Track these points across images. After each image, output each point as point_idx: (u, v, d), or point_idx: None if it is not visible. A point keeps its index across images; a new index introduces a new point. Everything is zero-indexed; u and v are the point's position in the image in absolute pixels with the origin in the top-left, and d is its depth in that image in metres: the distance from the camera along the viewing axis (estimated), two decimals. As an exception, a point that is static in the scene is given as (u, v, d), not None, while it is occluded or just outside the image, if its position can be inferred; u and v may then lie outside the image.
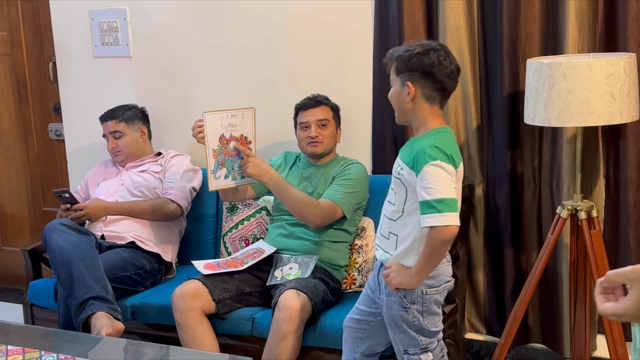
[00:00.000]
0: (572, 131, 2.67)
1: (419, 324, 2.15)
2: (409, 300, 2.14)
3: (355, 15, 3.04)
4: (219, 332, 2.68)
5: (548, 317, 2.92)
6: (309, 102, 2.86)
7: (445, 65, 2.08)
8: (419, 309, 2.14)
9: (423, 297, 2.13)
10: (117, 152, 3.24)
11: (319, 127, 2.83)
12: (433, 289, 2.14)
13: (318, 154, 2.86)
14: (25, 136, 4.04)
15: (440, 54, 2.08)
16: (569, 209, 2.52)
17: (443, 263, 2.15)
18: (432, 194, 1.98)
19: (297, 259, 2.75)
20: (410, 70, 2.08)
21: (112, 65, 3.54)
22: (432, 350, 2.18)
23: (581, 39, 2.65)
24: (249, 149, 2.74)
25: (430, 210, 1.97)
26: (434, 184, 1.98)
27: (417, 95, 2.09)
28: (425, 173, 2.00)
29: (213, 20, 3.30)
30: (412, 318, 2.15)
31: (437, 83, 2.08)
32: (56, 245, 2.71)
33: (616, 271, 1.16)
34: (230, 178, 2.75)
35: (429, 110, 2.11)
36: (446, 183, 1.99)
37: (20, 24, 3.90)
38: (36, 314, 3.08)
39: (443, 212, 1.96)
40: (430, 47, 2.09)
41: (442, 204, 1.97)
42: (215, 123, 2.67)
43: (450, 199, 1.98)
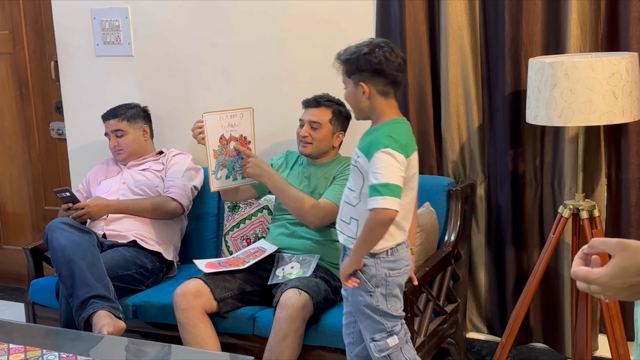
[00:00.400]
0: (574, 130, 2.67)
1: (383, 308, 2.22)
2: (373, 284, 2.20)
3: (357, 14, 3.04)
4: (220, 331, 2.68)
5: (549, 317, 2.91)
6: (310, 101, 2.86)
7: (392, 60, 2.16)
8: (383, 292, 2.21)
9: (386, 280, 2.21)
10: (118, 150, 3.24)
11: (311, 128, 2.82)
12: (395, 272, 2.22)
13: (306, 154, 2.85)
14: (27, 135, 4.04)
15: (386, 50, 2.16)
16: (570, 209, 2.52)
17: (403, 248, 2.24)
18: (379, 179, 2.08)
19: (298, 258, 2.75)
20: (360, 71, 2.18)
21: (114, 64, 3.54)
22: (397, 333, 2.25)
23: (583, 39, 2.64)
24: (248, 149, 2.74)
25: (375, 193, 2.08)
26: (382, 169, 2.09)
27: (371, 92, 2.18)
28: (376, 159, 2.11)
29: (214, 19, 3.30)
30: (375, 302, 2.21)
31: (388, 78, 2.17)
32: (58, 244, 2.71)
33: (603, 239, 1.16)
34: (232, 178, 2.75)
35: (384, 104, 2.21)
36: (393, 170, 2.10)
37: (22, 23, 3.90)
38: (38, 313, 3.09)
39: (384, 195, 2.07)
40: (374, 45, 2.18)
41: (385, 187, 2.07)
42: (215, 123, 2.68)
43: (394, 185, 2.08)
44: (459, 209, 2.86)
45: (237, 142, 2.73)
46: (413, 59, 2.92)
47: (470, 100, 2.89)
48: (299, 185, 2.84)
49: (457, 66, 2.87)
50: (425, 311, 2.65)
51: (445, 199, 2.89)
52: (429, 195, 2.86)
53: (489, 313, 3.04)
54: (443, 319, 2.78)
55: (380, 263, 2.20)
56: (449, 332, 2.87)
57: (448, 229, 2.87)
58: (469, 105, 2.90)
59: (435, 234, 2.83)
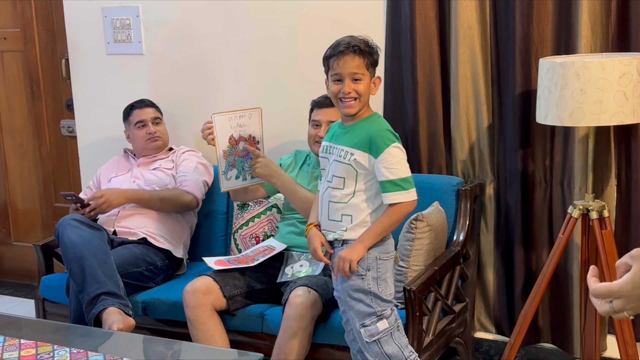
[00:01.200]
0: (584, 131, 2.66)
1: (374, 291, 2.26)
2: (365, 267, 2.25)
3: (367, 14, 3.04)
4: (229, 329, 2.69)
5: (558, 317, 2.91)
6: (324, 101, 2.82)
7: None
8: (374, 275, 2.26)
9: (377, 263, 2.26)
10: (156, 137, 3.24)
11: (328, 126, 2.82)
12: (385, 254, 2.27)
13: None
14: (38, 132, 4.06)
15: (336, 43, 2.27)
16: (580, 209, 2.52)
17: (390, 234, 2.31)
18: (397, 174, 2.18)
19: (307, 256, 2.76)
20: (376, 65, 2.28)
21: (125, 62, 3.56)
22: (387, 317, 2.27)
23: (594, 39, 2.64)
24: (257, 149, 2.75)
25: (396, 188, 2.18)
26: (397, 164, 2.19)
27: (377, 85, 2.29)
28: (388, 155, 2.19)
29: (225, 18, 3.31)
30: (367, 285, 2.25)
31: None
32: (69, 240, 2.73)
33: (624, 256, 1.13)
34: (241, 178, 2.76)
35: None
36: (405, 163, 2.22)
37: (34, 21, 3.92)
38: (48, 309, 3.10)
39: (408, 189, 2.20)
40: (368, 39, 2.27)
41: (406, 182, 2.20)
42: (224, 124, 2.70)
43: (411, 177, 2.23)
44: (468, 209, 2.86)
45: (246, 142, 2.74)
46: (423, 58, 2.92)
47: (480, 100, 2.89)
48: (308, 185, 2.85)
49: (467, 66, 2.87)
50: (433, 310, 2.65)
51: (454, 198, 2.89)
52: (438, 195, 2.86)
53: (498, 313, 3.04)
54: (451, 319, 2.78)
55: (372, 246, 2.25)
56: (457, 332, 2.87)
57: (457, 228, 2.87)
58: (479, 105, 2.90)
59: (444, 233, 2.83)
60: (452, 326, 2.79)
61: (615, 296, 1.11)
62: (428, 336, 2.60)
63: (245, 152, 2.74)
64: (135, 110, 3.25)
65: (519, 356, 2.99)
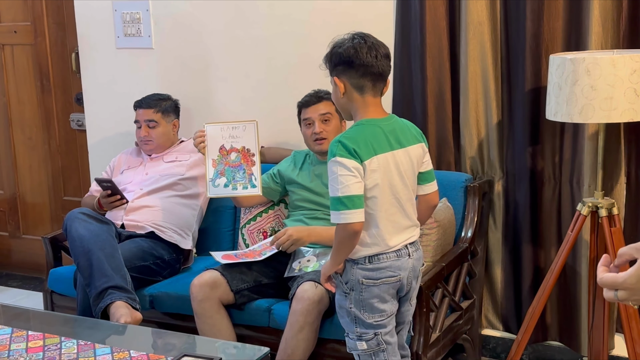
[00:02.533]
0: (594, 128, 2.65)
1: (355, 313, 2.16)
2: (349, 287, 2.15)
3: (377, 9, 3.04)
4: (236, 323, 2.70)
5: (566, 315, 2.90)
6: (310, 99, 2.85)
7: (364, 50, 2.05)
8: (356, 297, 2.13)
9: (360, 287, 2.12)
10: (147, 141, 3.24)
11: (322, 123, 2.81)
12: (370, 280, 2.11)
13: (324, 150, 2.85)
14: (47, 126, 4.08)
15: (356, 42, 2.06)
16: (589, 206, 2.50)
17: (389, 258, 2.11)
18: (334, 192, 2.01)
19: (315, 251, 2.76)
20: (335, 66, 2.10)
21: (134, 56, 3.56)
22: (366, 340, 2.17)
23: (605, 35, 2.63)
24: (251, 161, 2.76)
25: (335, 207, 2.02)
26: (334, 181, 2.01)
27: (346, 87, 2.08)
28: (329, 170, 2.04)
29: (234, 13, 3.31)
30: (349, 304, 2.16)
31: (359, 69, 2.06)
32: (77, 234, 2.74)
33: (628, 245, 1.17)
34: (230, 187, 2.80)
35: (360, 101, 2.09)
36: (345, 180, 2.00)
37: (44, 15, 3.93)
38: (55, 302, 3.12)
39: (343, 210, 2.00)
40: (348, 39, 2.09)
41: (340, 203, 2.00)
42: (216, 134, 2.78)
43: (346, 197, 1.99)
44: (477, 205, 2.85)
45: (239, 153, 2.78)
46: (433, 54, 2.92)
47: (490, 96, 2.88)
48: (310, 183, 2.85)
49: (476, 62, 2.86)
50: (440, 307, 2.65)
51: (463, 195, 2.88)
52: (447, 191, 2.86)
53: (505, 310, 3.03)
54: (458, 315, 2.78)
55: (356, 268, 2.12)
56: (464, 329, 2.86)
57: (465, 225, 2.86)
58: (488, 101, 2.89)
59: (452, 229, 2.82)
60: (459, 323, 2.78)
61: (620, 287, 1.14)
62: (435, 332, 2.60)
63: (238, 163, 2.78)
64: (137, 108, 3.27)
65: (526, 354, 2.98)
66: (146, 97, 3.29)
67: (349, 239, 2.05)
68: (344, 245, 2.07)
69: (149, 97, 3.29)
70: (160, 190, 3.15)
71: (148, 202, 3.12)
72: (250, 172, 2.77)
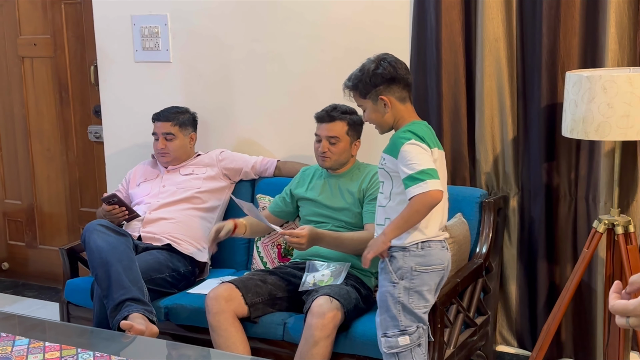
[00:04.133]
0: (610, 145, 2.65)
1: (403, 301, 2.27)
2: (399, 276, 2.28)
3: (393, 24, 3.05)
4: (250, 336, 2.70)
5: (581, 332, 2.89)
6: (323, 116, 2.86)
7: (399, 66, 2.35)
8: (406, 285, 2.28)
9: (412, 273, 2.27)
10: (164, 153, 3.27)
11: (329, 144, 2.83)
12: (422, 267, 2.28)
13: (326, 167, 2.88)
14: (66, 137, 4.12)
15: (391, 60, 2.35)
16: (605, 224, 2.50)
17: (436, 245, 2.30)
18: (413, 168, 2.19)
19: (329, 265, 2.77)
20: (375, 86, 2.34)
21: (152, 69, 3.60)
22: (410, 334, 2.28)
23: (621, 53, 2.63)
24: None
25: (414, 182, 2.19)
26: (413, 159, 2.21)
27: (392, 102, 2.34)
28: (403, 152, 2.23)
29: (252, 27, 3.34)
30: (397, 293, 2.28)
31: (402, 82, 2.34)
32: (95, 245, 2.76)
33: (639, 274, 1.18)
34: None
35: (403, 110, 2.36)
36: (423, 157, 2.22)
37: (64, 28, 3.98)
38: (72, 312, 3.14)
39: (425, 179, 2.18)
40: (378, 59, 2.36)
41: (423, 173, 2.19)
42: None
43: (430, 169, 2.20)
44: (492, 221, 2.85)
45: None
46: (448, 70, 2.93)
47: (505, 112, 2.88)
48: (318, 196, 2.85)
49: (492, 78, 2.87)
50: (455, 322, 2.64)
51: (478, 210, 2.88)
52: (462, 206, 2.86)
53: (520, 326, 3.02)
54: (473, 331, 2.77)
55: (409, 256, 2.28)
56: (479, 345, 2.85)
57: (480, 240, 2.86)
58: (504, 117, 2.89)
59: (467, 245, 2.82)
60: (473, 339, 2.78)
61: (631, 314, 1.15)
62: (449, 348, 2.59)
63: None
64: (155, 121, 3.30)
65: (540, 371, 2.97)
66: (164, 109, 3.32)
67: (427, 208, 2.20)
68: (418, 215, 2.21)
69: (167, 109, 3.32)
70: (177, 203, 3.18)
71: (165, 214, 3.14)
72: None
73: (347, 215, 2.81)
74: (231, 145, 3.43)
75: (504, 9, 2.82)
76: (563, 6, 2.71)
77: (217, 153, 3.33)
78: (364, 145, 2.93)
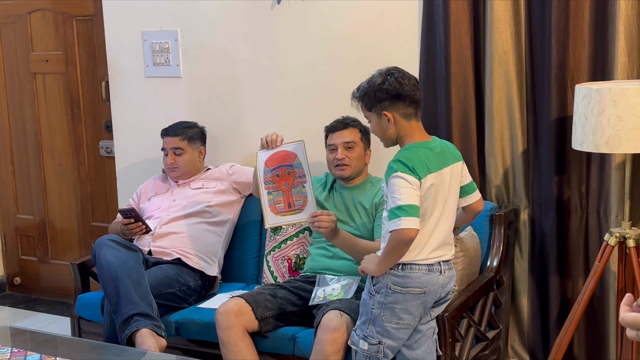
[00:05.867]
0: (621, 157, 2.64)
1: (375, 314, 2.32)
2: (376, 289, 2.33)
3: (402, 38, 3.06)
4: (260, 350, 2.70)
5: (594, 346, 2.86)
6: (337, 125, 2.88)
7: (406, 82, 2.29)
8: (380, 300, 2.32)
9: (387, 291, 2.31)
10: (174, 168, 3.29)
11: (346, 150, 2.83)
12: (398, 287, 2.29)
13: (345, 177, 2.86)
14: (77, 153, 4.14)
15: (397, 76, 2.30)
16: (617, 237, 2.48)
17: (420, 269, 2.29)
18: (394, 202, 2.20)
19: (339, 279, 2.76)
20: (380, 101, 2.30)
21: (163, 85, 3.62)
22: (370, 343, 2.34)
23: (631, 65, 2.62)
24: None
25: (392, 216, 2.20)
26: (396, 193, 2.21)
27: (396, 118, 2.30)
28: (390, 185, 2.24)
29: (261, 43, 3.35)
30: (372, 304, 2.34)
31: (407, 99, 2.29)
32: (105, 261, 2.77)
33: None
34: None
35: (407, 127, 2.32)
36: (406, 192, 2.20)
37: (75, 44, 4.01)
38: (83, 327, 3.14)
39: (401, 216, 2.18)
40: (385, 73, 2.32)
41: (400, 210, 2.19)
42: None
43: (408, 205, 2.19)
44: (502, 234, 2.84)
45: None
46: (457, 83, 2.93)
47: (515, 126, 2.88)
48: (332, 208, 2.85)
49: (502, 91, 2.87)
50: (466, 337, 2.63)
51: (488, 223, 2.87)
52: (472, 220, 2.85)
53: (532, 340, 3.00)
54: (484, 345, 2.75)
55: (387, 274, 2.30)
56: (491, 359, 2.84)
57: (490, 254, 2.85)
58: (514, 131, 2.89)
59: (477, 258, 2.81)
60: (485, 353, 2.76)
61: None
62: (460, 363, 2.58)
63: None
64: (164, 136, 3.32)
65: (553, 385, 2.94)
66: (173, 125, 3.34)
67: (402, 245, 2.21)
68: (395, 251, 2.24)
69: (176, 125, 3.34)
70: (187, 217, 3.19)
71: (175, 228, 3.15)
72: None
73: (358, 228, 2.81)
74: (240, 159, 3.44)
75: (513, 23, 2.82)
76: (572, 19, 2.71)
77: (227, 167, 3.34)
78: (374, 158, 2.94)
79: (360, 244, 2.70)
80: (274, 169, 2.75)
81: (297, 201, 2.73)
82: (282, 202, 2.73)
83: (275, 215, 2.73)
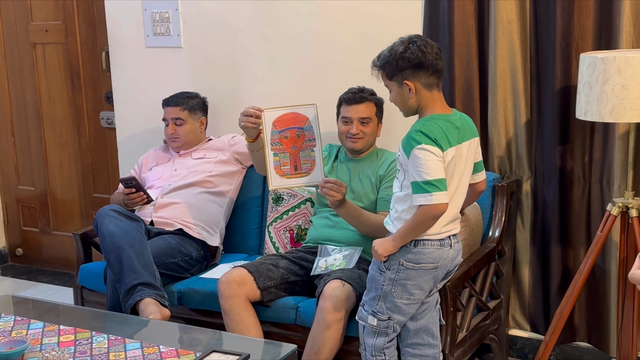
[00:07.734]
0: (625, 127, 2.62)
1: (386, 290, 2.31)
2: (386, 266, 2.31)
3: (405, 7, 3.03)
4: (263, 320, 2.71)
5: (595, 316, 2.88)
6: (353, 97, 2.83)
7: (428, 51, 2.23)
8: (392, 277, 2.30)
9: (399, 267, 2.29)
10: (175, 138, 3.28)
11: (361, 124, 2.82)
12: (410, 264, 2.28)
13: (357, 150, 2.85)
14: (78, 124, 4.13)
15: (420, 44, 2.23)
16: (619, 207, 2.48)
17: (432, 244, 2.28)
18: (421, 176, 2.17)
19: (341, 249, 2.77)
20: (401, 70, 2.24)
21: (163, 55, 3.60)
22: (379, 319, 2.33)
23: (636, 34, 2.60)
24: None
25: (420, 190, 2.17)
26: (422, 166, 2.17)
27: (417, 88, 2.25)
28: (414, 157, 2.19)
29: (262, 12, 3.32)
30: (382, 281, 2.32)
31: (429, 69, 2.23)
32: (107, 231, 2.78)
33: None
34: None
35: (429, 97, 2.27)
36: (433, 165, 2.17)
37: (75, 14, 3.98)
38: (86, 297, 3.16)
39: (431, 192, 2.15)
40: (408, 41, 2.25)
41: (430, 185, 2.16)
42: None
43: (437, 180, 2.16)
44: (504, 205, 2.84)
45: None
46: (461, 52, 2.91)
47: (519, 95, 2.86)
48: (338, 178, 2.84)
49: (505, 60, 2.85)
50: (467, 306, 2.64)
51: (490, 194, 2.87)
52: (474, 190, 2.84)
53: (533, 310, 3.01)
54: (485, 315, 2.76)
55: (401, 250, 2.28)
56: (491, 329, 2.85)
57: (492, 224, 2.85)
58: (517, 100, 2.87)
59: (479, 229, 2.81)
60: (486, 323, 2.77)
61: None
62: (462, 332, 2.59)
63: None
64: (164, 106, 3.31)
65: (553, 354, 2.96)
66: (174, 95, 3.33)
67: (432, 219, 2.21)
68: (424, 225, 2.22)
69: (177, 95, 3.32)
70: (188, 187, 3.18)
71: (176, 198, 3.15)
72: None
73: (362, 200, 2.80)
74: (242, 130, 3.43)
75: (517, -9, 2.79)
76: (577, -13, 2.68)
77: (229, 138, 3.33)
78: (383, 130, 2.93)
79: (364, 215, 2.70)
80: (282, 131, 2.68)
81: (304, 164, 2.69)
82: (289, 164, 2.68)
83: (280, 177, 2.69)
